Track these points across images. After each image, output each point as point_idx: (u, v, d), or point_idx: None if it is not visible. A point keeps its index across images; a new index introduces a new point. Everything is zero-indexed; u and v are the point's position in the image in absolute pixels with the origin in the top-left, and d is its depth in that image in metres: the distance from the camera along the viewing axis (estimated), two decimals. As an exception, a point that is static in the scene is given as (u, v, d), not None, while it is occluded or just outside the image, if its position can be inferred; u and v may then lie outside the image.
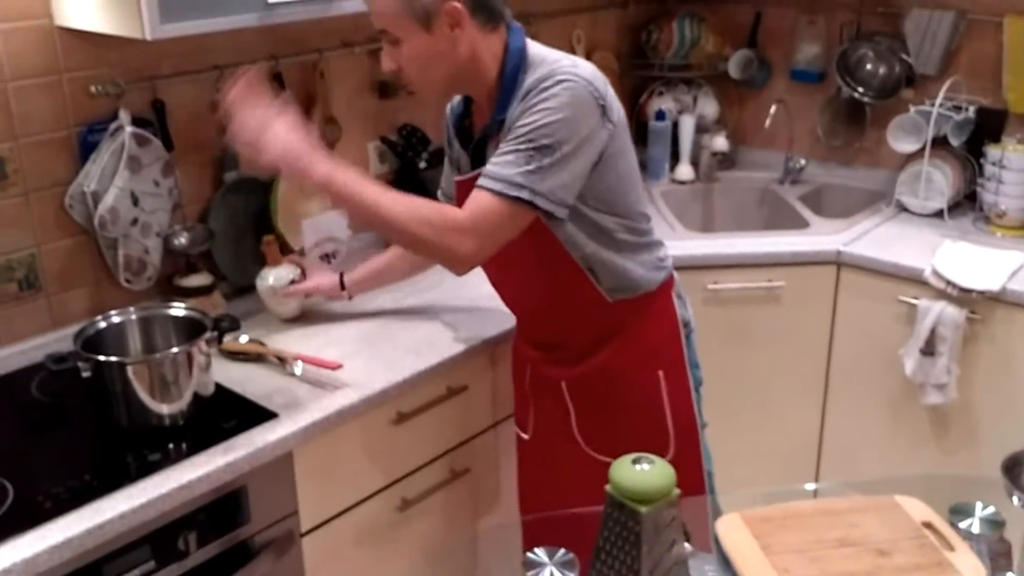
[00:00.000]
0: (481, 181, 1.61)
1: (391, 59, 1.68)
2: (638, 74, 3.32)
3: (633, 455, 1.45)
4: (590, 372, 1.86)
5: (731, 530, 1.53)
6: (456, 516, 2.17)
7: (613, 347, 1.85)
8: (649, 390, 1.86)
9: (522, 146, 1.59)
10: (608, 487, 1.43)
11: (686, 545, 1.47)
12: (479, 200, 1.61)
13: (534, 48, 1.69)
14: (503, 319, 2.16)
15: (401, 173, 2.65)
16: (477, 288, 2.33)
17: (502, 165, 1.60)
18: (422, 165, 2.63)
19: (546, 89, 1.59)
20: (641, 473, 1.41)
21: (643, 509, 1.38)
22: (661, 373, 1.86)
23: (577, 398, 1.89)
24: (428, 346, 2.06)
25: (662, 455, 1.83)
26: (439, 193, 2.08)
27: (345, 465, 1.89)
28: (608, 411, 1.87)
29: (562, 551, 1.51)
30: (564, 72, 1.60)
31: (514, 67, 1.65)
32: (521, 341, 2.00)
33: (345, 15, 2.09)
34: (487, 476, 2.24)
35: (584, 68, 1.63)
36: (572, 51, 3.12)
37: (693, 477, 1.90)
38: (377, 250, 2.58)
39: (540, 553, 1.43)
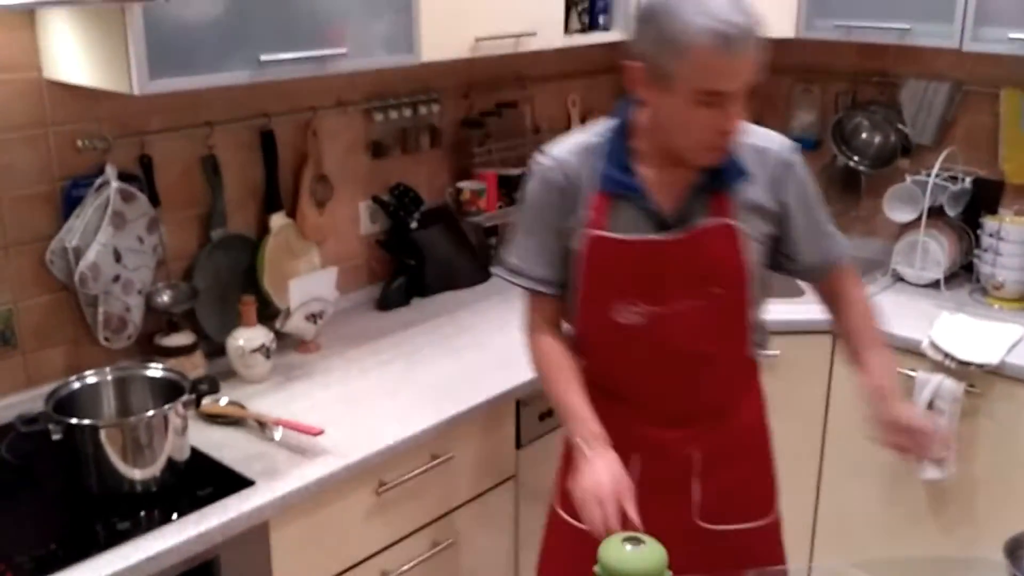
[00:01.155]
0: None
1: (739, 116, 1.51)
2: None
3: (623, 534, 1.39)
4: (725, 436, 1.74)
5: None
6: (438, 590, 2.09)
7: (745, 406, 1.80)
8: (766, 448, 1.84)
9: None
10: (597, 569, 1.37)
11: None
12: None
13: None
14: (490, 386, 2.12)
15: (392, 233, 2.62)
16: (462, 354, 2.29)
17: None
18: (413, 225, 2.60)
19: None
20: (633, 554, 1.35)
21: (632, 592, 1.33)
22: (769, 427, 1.85)
23: (706, 468, 1.72)
24: (413, 412, 2.00)
25: (767, 516, 1.81)
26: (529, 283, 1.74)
27: (323, 536, 1.81)
28: (730, 475, 1.75)
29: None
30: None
31: None
32: (640, 425, 1.70)
33: (340, 74, 2.08)
34: (472, 548, 2.16)
35: None
36: (568, 115, 3.11)
37: (778, 540, 1.85)
38: (367, 310, 2.54)
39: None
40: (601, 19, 2.72)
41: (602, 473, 1.51)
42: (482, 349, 2.33)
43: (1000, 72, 2.73)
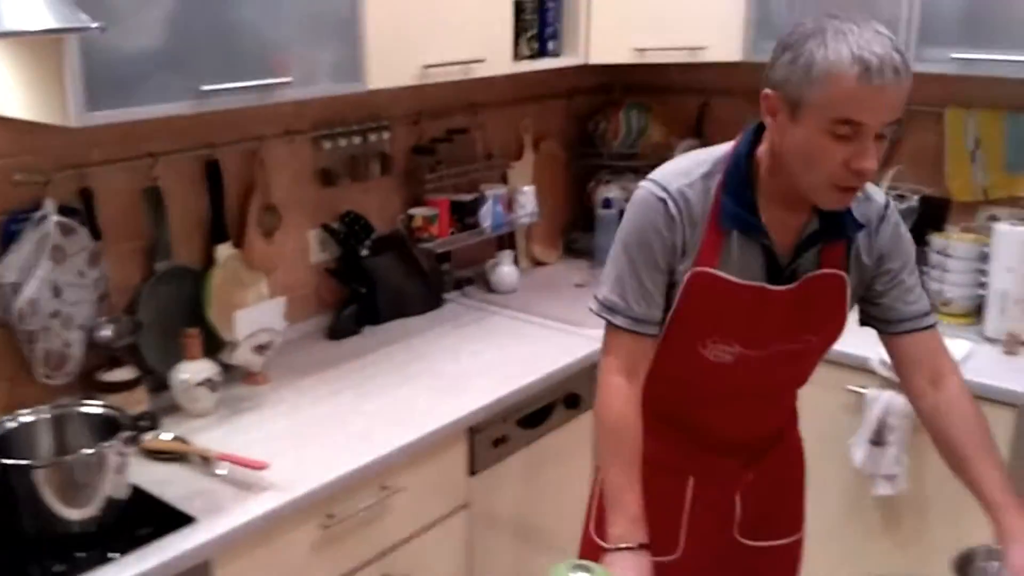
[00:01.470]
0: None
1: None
2: (585, 162, 3.32)
3: (570, 561, 1.37)
4: (773, 458, 1.75)
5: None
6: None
7: (789, 428, 1.79)
8: (802, 467, 1.83)
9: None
10: (542, 599, 1.35)
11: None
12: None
13: None
14: (442, 414, 2.10)
15: (343, 261, 2.60)
16: (414, 382, 2.27)
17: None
18: (364, 252, 2.58)
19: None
20: (579, 582, 1.34)
21: (581, 621, 1.31)
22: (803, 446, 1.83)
23: (751, 487, 1.73)
24: (362, 443, 1.97)
25: (797, 532, 1.82)
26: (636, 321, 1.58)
27: (269, 574, 1.78)
28: (771, 494, 1.76)
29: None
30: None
31: None
32: (699, 451, 1.69)
33: (286, 102, 2.07)
34: (423, 581, 2.14)
35: None
36: (520, 140, 3.12)
37: (799, 556, 1.85)
38: (317, 340, 2.52)
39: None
40: (550, 45, 2.74)
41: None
42: (434, 376, 2.31)
43: (944, 92, 2.77)
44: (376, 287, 2.61)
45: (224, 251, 2.30)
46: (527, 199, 2.97)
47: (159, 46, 1.79)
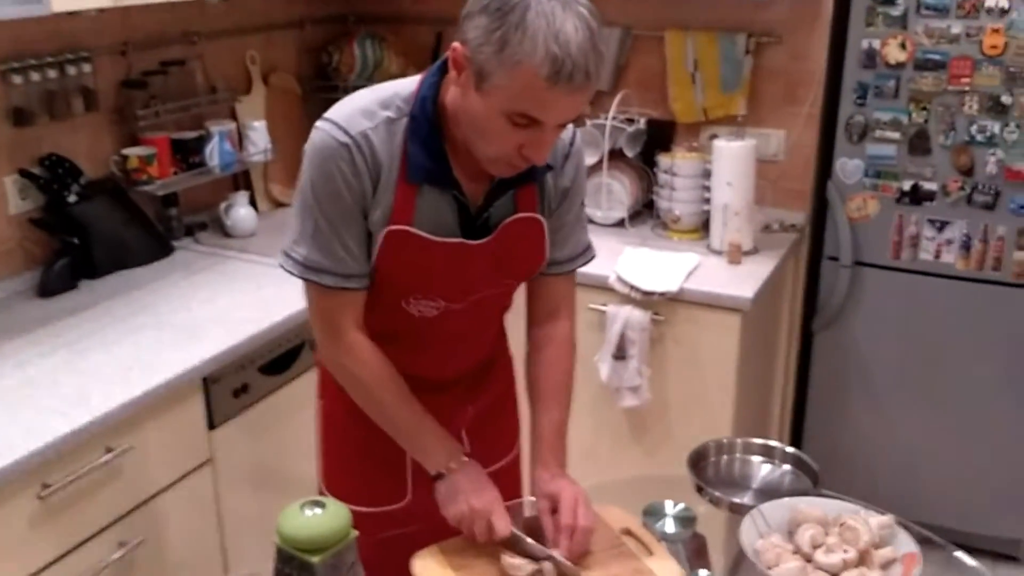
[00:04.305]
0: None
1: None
2: (321, 96, 3.17)
3: (301, 500, 1.29)
4: (487, 387, 1.70)
5: (428, 565, 1.41)
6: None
7: (499, 353, 1.73)
8: (513, 385, 1.77)
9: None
10: (276, 540, 1.27)
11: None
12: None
13: None
14: (171, 365, 1.94)
15: (49, 209, 2.33)
16: (138, 335, 2.09)
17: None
18: (72, 199, 2.33)
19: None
20: (313, 518, 1.26)
21: (316, 559, 1.24)
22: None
23: (473, 420, 1.68)
24: (78, 404, 1.79)
25: (515, 448, 1.77)
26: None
27: (-25, 556, 1.58)
28: (494, 420, 1.73)
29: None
30: None
31: None
32: (418, 392, 1.56)
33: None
34: (172, 543, 1.98)
35: None
36: (247, 73, 2.93)
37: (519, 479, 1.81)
38: (26, 299, 2.26)
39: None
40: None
41: (469, 495, 1.43)
42: (161, 328, 2.13)
43: (664, 15, 2.87)
44: (90, 237, 2.36)
45: None
46: (259, 135, 2.80)
47: None
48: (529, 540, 1.42)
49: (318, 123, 1.40)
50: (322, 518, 1.24)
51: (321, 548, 1.22)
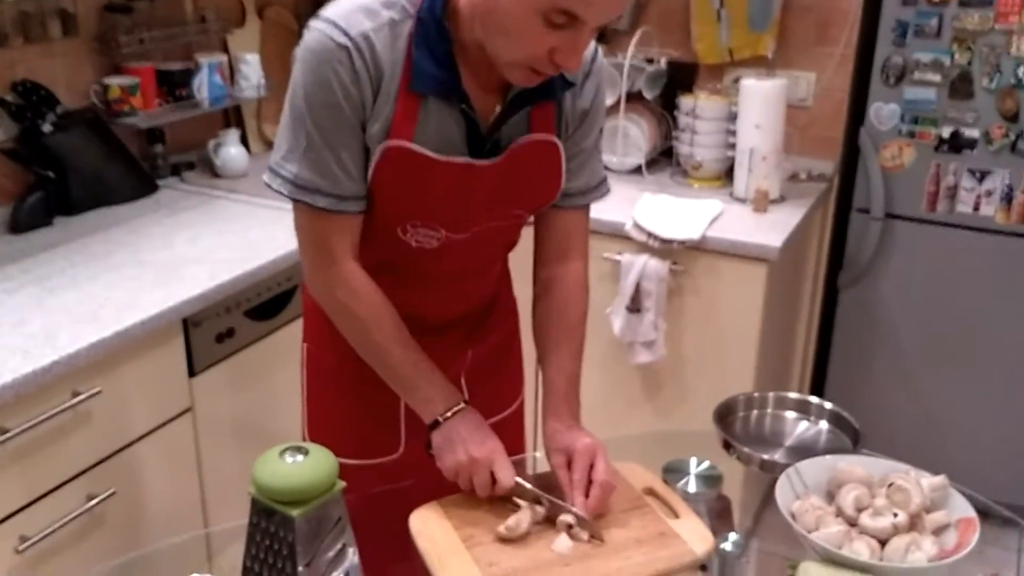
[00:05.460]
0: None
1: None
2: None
3: (280, 445, 1.13)
4: (490, 334, 1.55)
5: (427, 522, 1.25)
6: (102, 552, 1.74)
7: (502, 294, 1.57)
8: (517, 328, 1.61)
9: None
10: (251, 491, 1.11)
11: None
12: None
13: None
14: (148, 305, 1.78)
15: (22, 140, 2.16)
16: (114, 274, 1.93)
17: None
18: (47, 129, 2.16)
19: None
20: (294, 466, 1.10)
21: (296, 512, 1.08)
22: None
23: (472, 366, 1.53)
24: (43, 344, 1.63)
25: (519, 397, 1.62)
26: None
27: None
28: (495, 367, 1.57)
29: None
30: None
31: None
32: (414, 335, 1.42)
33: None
34: (147, 496, 1.83)
35: None
36: (241, 4, 2.74)
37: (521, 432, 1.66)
38: None
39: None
40: None
41: (469, 444, 1.28)
42: (140, 266, 1.97)
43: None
44: (67, 171, 2.19)
45: None
46: (251, 70, 2.62)
47: None
48: (537, 491, 1.26)
49: (312, 22, 1.22)
50: (304, 466, 1.08)
51: (302, 500, 1.06)
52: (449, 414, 1.30)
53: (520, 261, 1.52)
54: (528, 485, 1.26)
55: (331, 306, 1.35)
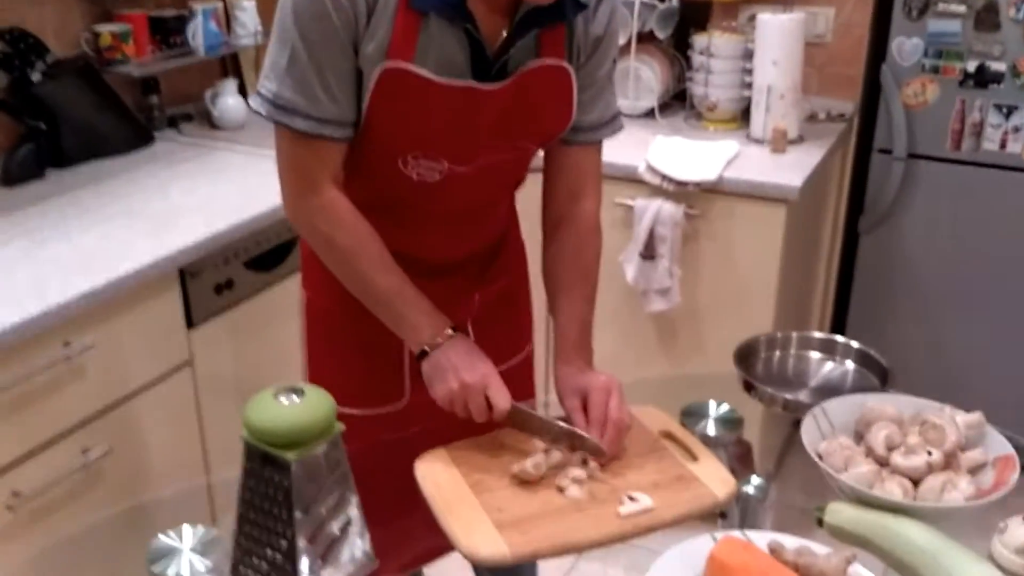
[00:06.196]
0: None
1: None
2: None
3: (274, 386, 1.07)
4: (497, 277, 1.48)
5: (434, 468, 1.18)
6: (99, 509, 1.69)
7: (510, 234, 1.50)
8: (525, 272, 1.55)
9: None
10: (244, 434, 1.04)
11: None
12: None
13: None
14: (141, 254, 1.71)
15: (11, 90, 2.09)
16: (107, 224, 1.86)
17: None
18: (37, 78, 2.08)
19: None
20: (289, 407, 1.03)
21: (291, 455, 1.01)
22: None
23: (482, 317, 1.46)
24: (31, 294, 1.57)
25: (528, 345, 1.54)
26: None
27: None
28: (503, 312, 1.50)
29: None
30: None
31: None
32: (417, 279, 1.34)
33: None
34: (144, 451, 1.78)
35: None
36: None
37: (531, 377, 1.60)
38: None
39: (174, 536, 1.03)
40: None
41: (460, 370, 1.21)
42: (135, 216, 1.90)
43: None
44: (59, 121, 2.12)
45: None
46: (248, 17, 2.53)
47: None
48: (537, 414, 1.19)
49: None
50: (300, 407, 1.01)
51: (298, 443, 0.99)
52: (439, 339, 1.23)
53: (528, 208, 1.44)
54: (530, 410, 1.20)
55: (311, 235, 1.29)
